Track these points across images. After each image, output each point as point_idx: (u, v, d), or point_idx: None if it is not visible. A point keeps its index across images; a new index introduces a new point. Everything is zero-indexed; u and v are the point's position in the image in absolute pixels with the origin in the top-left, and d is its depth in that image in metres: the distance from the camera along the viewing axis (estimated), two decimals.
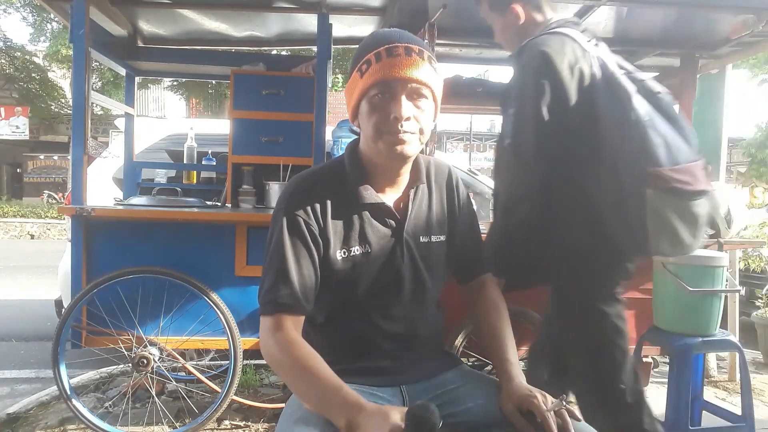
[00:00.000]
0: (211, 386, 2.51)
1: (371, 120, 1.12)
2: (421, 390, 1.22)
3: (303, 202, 1.15)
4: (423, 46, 1.13)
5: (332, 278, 1.17)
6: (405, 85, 1.10)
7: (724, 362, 3.67)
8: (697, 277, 2.12)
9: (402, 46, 1.09)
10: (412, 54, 1.09)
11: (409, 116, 1.10)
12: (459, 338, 2.42)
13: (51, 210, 13.95)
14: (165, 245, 2.45)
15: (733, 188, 3.05)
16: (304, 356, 1.06)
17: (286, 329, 1.09)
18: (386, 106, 1.10)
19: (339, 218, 1.17)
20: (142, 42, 3.19)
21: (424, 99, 1.13)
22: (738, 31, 2.59)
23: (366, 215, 1.19)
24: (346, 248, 1.17)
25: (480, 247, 1.38)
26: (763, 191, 10.90)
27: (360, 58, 1.13)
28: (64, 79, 15.66)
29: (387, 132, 1.11)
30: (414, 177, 1.24)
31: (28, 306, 5.58)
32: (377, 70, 1.09)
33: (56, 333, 2.30)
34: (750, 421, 2.20)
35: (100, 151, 3.70)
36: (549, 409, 1.06)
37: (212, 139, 3.63)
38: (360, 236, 1.18)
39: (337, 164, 1.24)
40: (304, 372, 1.05)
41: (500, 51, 3.22)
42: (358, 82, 1.12)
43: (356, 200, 1.18)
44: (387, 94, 1.10)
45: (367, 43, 1.14)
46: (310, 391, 1.04)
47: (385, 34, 1.14)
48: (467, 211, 1.34)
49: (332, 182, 1.19)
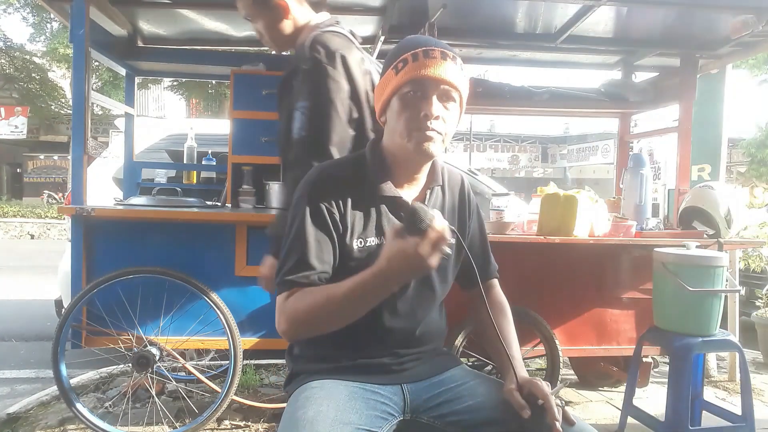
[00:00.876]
0: (211, 386, 2.51)
1: (402, 116, 1.16)
2: (421, 389, 1.23)
3: (325, 190, 1.19)
4: (456, 54, 1.20)
5: (347, 266, 1.19)
6: (437, 85, 1.15)
7: (724, 362, 3.67)
8: (697, 277, 2.12)
9: (438, 50, 1.16)
10: (447, 58, 1.16)
11: (438, 116, 1.15)
12: (459, 338, 2.42)
13: (51, 210, 13.96)
14: (165, 245, 2.45)
15: (733, 188, 3.05)
16: (324, 288, 1.11)
17: (300, 291, 1.13)
18: (418, 103, 1.15)
19: (358, 209, 1.21)
20: (142, 42, 3.19)
21: (453, 102, 1.19)
22: (738, 31, 2.59)
23: (384, 208, 1.22)
24: (363, 238, 1.20)
25: (486, 255, 1.41)
26: (763, 191, 10.88)
27: (397, 57, 1.18)
28: (64, 79, 15.67)
29: (416, 129, 1.15)
30: (431, 178, 1.28)
31: (28, 306, 5.58)
32: (413, 68, 1.15)
33: (56, 333, 2.30)
34: (750, 421, 2.21)
35: (100, 151, 3.70)
36: (552, 392, 1.09)
37: (212, 139, 3.63)
38: (377, 228, 1.21)
39: (359, 157, 1.28)
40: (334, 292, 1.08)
41: (500, 51, 3.23)
42: (392, 79, 1.17)
43: (375, 193, 1.21)
44: (419, 92, 1.15)
45: (405, 44, 1.20)
46: (350, 294, 1.06)
47: (423, 38, 1.22)
48: (477, 220, 1.38)
49: (353, 174, 1.23)
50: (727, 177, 4.50)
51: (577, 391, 3.16)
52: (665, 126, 4.28)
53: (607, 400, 3.06)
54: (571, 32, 2.83)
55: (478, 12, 2.74)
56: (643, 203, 2.81)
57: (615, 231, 2.59)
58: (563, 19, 2.78)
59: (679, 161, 3.11)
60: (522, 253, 2.49)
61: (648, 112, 3.71)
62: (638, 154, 3.09)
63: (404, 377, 1.24)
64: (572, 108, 3.36)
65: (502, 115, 17.74)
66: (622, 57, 3.34)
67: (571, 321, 2.68)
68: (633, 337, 2.67)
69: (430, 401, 1.21)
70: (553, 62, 3.53)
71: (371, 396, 1.17)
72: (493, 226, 2.49)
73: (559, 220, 2.48)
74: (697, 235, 2.63)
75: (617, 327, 2.72)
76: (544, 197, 2.56)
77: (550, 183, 2.70)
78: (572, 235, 2.45)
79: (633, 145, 4.27)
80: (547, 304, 2.57)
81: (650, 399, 3.00)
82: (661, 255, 2.22)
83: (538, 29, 2.95)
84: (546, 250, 2.51)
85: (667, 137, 6.81)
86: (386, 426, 1.14)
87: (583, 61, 3.54)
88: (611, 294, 2.71)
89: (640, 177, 2.82)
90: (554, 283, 2.62)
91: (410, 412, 1.20)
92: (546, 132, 24.46)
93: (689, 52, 3.04)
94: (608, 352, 2.77)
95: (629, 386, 2.41)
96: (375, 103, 1.26)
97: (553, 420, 1.05)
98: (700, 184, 2.94)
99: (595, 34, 2.93)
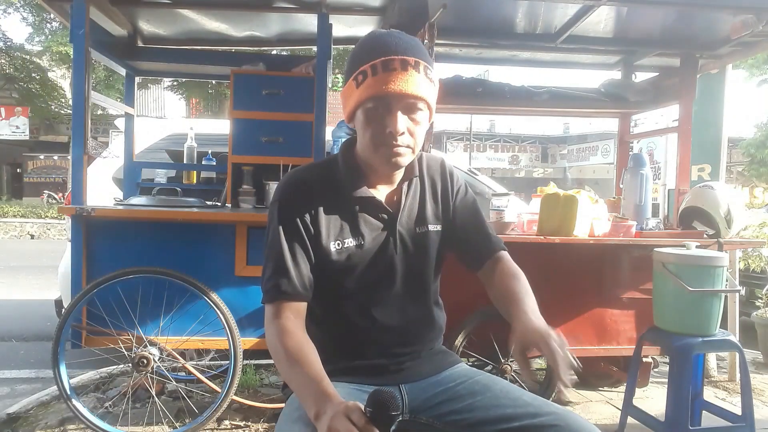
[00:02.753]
0: (211, 386, 2.51)
1: (367, 131, 1.13)
2: (420, 389, 1.23)
3: (296, 194, 1.19)
4: (418, 53, 1.12)
5: (328, 270, 1.19)
6: (401, 99, 1.10)
7: (724, 362, 3.67)
8: (697, 277, 2.12)
9: (398, 60, 1.08)
10: (408, 68, 1.08)
11: (404, 131, 1.12)
12: (459, 338, 2.42)
13: (51, 210, 13.95)
14: (165, 245, 2.45)
15: (733, 188, 3.05)
16: (295, 346, 1.08)
17: (283, 317, 1.12)
18: (382, 120, 1.11)
19: (332, 211, 1.20)
20: (142, 42, 3.19)
21: (420, 111, 1.14)
22: (738, 31, 2.59)
23: (358, 209, 1.22)
24: (340, 240, 1.20)
25: (484, 231, 1.34)
26: (763, 191, 10.89)
27: (355, 67, 1.12)
28: (64, 79, 15.67)
29: (382, 144, 1.12)
30: (408, 172, 1.26)
31: (28, 306, 5.58)
32: (373, 84, 1.09)
33: (56, 333, 2.30)
34: (750, 421, 2.20)
35: (100, 151, 3.70)
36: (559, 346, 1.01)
37: (212, 139, 3.63)
38: (353, 229, 1.21)
39: (331, 161, 1.27)
40: (291, 361, 1.07)
41: (500, 51, 3.24)
42: (354, 91, 1.12)
43: (349, 195, 1.21)
44: (382, 108, 1.11)
45: (363, 51, 1.13)
46: (294, 379, 1.06)
47: (381, 43, 1.12)
48: (464, 198, 1.34)
49: (326, 177, 1.22)
50: (727, 177, 4.49)
51: (577, 391, 3.15)
52: (665, 126, 4.28)
53: (607, 400, 3.06)
54: (571, 32, 2.83)
55: (478, 12, 2.74)
56: (643, 203, 2.81)
57: (615, 231, 2.59)
58: (563, 19, 2.78)
59: (679, 161, 3.10)
60: (522, 253, 2.48)
61: (648, 112, 3.71)
62: (638, 154, 3.09)
63: (402, 377, 1.24)
64: (572, 108, 3.35)
65: (502, 115, 17.78)
66: (622, 57, 3.34)
67: (571, 321, 2.68)
68: (633, 337, 2.67)
69: (429, 401, 1.21)
70: (553, 62, 3.53)
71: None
72: (493, 226, 2.49)
73: (559, 220, 2.48)
74: (697, 235, 2.63)
75: (617, 327, 2.72)
76: (544, 197, 2.56)
77: (550, 183, 2.70)
78: (572, 235, 2.45)
79: (633, 145, 4.27)
80: (546, 304, 2.55)
81: (650, 399, 3.00)
82: (661, 255, 2.22)
83: (538, 29, 2.95)
84: (546, 250, 2.51)
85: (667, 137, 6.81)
86: None
87: (583, 61, 3.54)
88: (611, 294, 2.71)
89: (640, 177, 2.82)
90: (554, 283, 2.62)
91: (409, 412, 1.20)
92: (546, 132, 24.51)
93: (689, 52, 3.04)
94: (608, 352, 2.77)
95: (629, 386, 2.41)
96: (342, 107, 1.22)
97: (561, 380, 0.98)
98: (700, 184, 2.94)
99: (595, 34, 2.93)
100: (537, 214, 2.58)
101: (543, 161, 24.88)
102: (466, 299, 2.00)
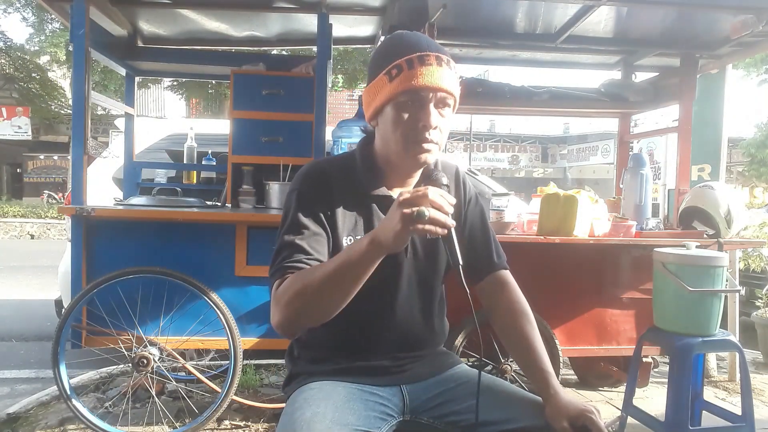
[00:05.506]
0: (211, 386, 2.51)
1: (398, 126, 1.13)
2: (421, 389, 1.23)
3: (316, 184, 1.19)
4: (447, 53, 1.15)
5: None
6: (435, 94, 1.11)
7: (724, 362, 3.67)
8: (697, 277, 2.12)
9: (434, 56, 1.11)
10: (442, 63, 1.11)
11: (436, 125, 1.13)
12: (459, 338, 2.42)
13: (51, 210, 13.94)
14: (165, 245, 2.45)
15: (733, 188, 3.05)
16: (309, 269, 1.07)
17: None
18: (415, 113, 1.11)
19: (348, 207, 1.19)
20: (142, 42, 3.19)
21: (448, 108, 1.16)
22: (738, 31, 2.59)
23: (374, 207, 1.21)
24: (353, 236, 1.19)
25: (489, 245, 1.34)
26: (763, 191, 10.89)
27: (388, 62, 1.13)
28: (64, 79, 15.66)
29: (413, 141, 1.12)
30: (423, 176, 1.25)
31: (28, 306, 5.58)
32: (409, 77, 1.10)
33: (56, 333, 2.30)
34: (750, 421, 2.20)
35: (100, 151, 3.71)
36: (608, 425, 1.06)
37: (212, 139, 3.63)
38: (366, 227, 1.20)
39: (349, 157, 1.27)
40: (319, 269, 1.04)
41: (500, 51, 3.24)
42: (386, 86, 1.12)
43: (366, 193, 1.20)
44: (417, 102, 1.11)
45: (394, 47, 1.15)
46: (337, 268, 1.01)
47: (414, 40, 1.15)
48: (474, 209, 1.34)
49: (344, 172, 1.22)
50: (727, 177, 4.49)
51: (577, 391, 3.15)
52: (665, 126, 4.28)
53: (607, 400, 3.06)
54: (571, 32, 2.84)
55: (478, 12, 2.74)
56: (643, 203, 2.81)
57: (615, 231, 2.59)
58: (563, 19, 2.78)
59: (679, 161, 3.10)
60: (522, 253, 2.49)
61: (648, 112, 3.71)
62: (638, 154, 3.09)
63: (403, 378, 1.24)
64: (572, 108, 3.36)
65: (502, 115, 17.76)
66: (622, 57, 3.34)
67: (571, 321, 2.68)
68: (633, 337, 2.67)
69: (429, 401, 1.21)
70: (553, 62, 3.53)
71: (370, 397, 1.17)
72: (493, 226, 2.49)
73: (559, 220, 2.48)
74: (697, 235, 2.63)
75: (617, 327, 2.72)
76: (544, 197, 2.56)
77: (550, 183, 2.70)
78: (572, 235, 2.45)
79: (633, 145, 4.27)
80: (546, 304, 2.56)
81: (650, 399, 3.00)
82: (661, 255, 2.22)
83: (538, 29, 2.95)
84: (546, 250, 2.51)
85: (666, 137, 6.81)
86: (385, 427, 1.14)
87: (583, 61, 3.54)
88: (611, 294, 2.71)
89: (640, 177, 2.82)
90: (554, 283, 2.62)
91: (410, 412, 1.20)
92: (546, 132, 24.48)
93: (689, 52, 3.04)
94: (608, 352, 2.77)
95: (629, 386, 2.41)
96: (364, 106, 1.22)
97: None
98: (700, 184, 2.94)
99: (595, 34, 2.94)
100: (537, 214, 2.58)
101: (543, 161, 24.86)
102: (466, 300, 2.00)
